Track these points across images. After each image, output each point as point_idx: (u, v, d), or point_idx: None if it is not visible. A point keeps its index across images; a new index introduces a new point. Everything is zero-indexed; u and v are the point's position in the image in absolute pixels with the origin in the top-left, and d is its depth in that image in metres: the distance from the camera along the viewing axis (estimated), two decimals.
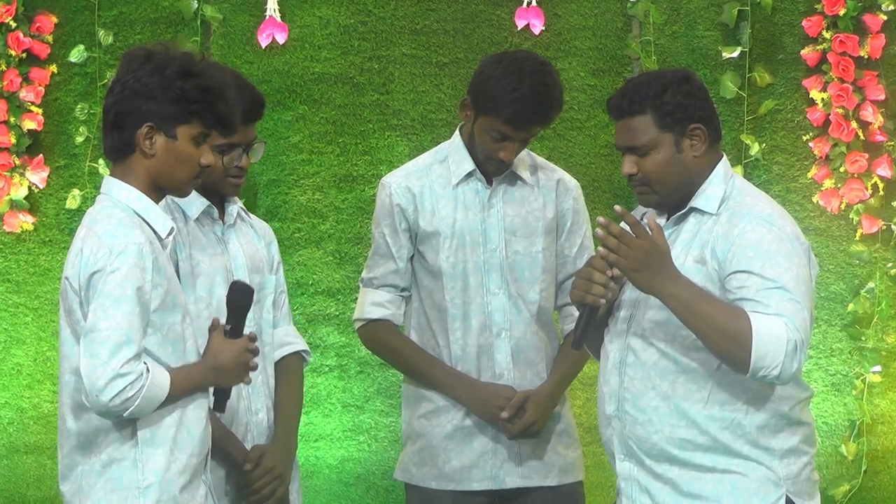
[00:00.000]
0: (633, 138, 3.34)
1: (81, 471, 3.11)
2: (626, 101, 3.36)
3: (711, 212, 3.34)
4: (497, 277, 3.85)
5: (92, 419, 3.07)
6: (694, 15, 5.74)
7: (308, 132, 5.87)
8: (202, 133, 3.14)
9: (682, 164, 3.33)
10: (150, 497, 3.08)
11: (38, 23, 5.81)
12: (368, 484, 5.86)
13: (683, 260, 3.31)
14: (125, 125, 3.10)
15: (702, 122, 3.34)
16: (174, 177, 3.15)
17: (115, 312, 3.00)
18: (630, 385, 3.35)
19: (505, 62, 3.84)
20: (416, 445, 3.93)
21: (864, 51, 5.53)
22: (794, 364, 3.17)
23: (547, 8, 5.70)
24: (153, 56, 3.12)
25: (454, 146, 3.92)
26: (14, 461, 5.95)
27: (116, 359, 3.00)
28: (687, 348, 3.30)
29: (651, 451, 3.33)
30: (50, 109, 5.89)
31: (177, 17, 5.82)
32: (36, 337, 5.96)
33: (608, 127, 5.80)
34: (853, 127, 5.51)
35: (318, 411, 5.88)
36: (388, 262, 3.91)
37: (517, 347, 3.86)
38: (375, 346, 4.01)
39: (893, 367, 5.67)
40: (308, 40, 5.85)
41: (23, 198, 5.81)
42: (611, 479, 5.73)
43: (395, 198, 3.89)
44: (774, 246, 3.25)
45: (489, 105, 3.75)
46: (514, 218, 3.88)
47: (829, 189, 5.54)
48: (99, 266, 3.01)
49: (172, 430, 3.12)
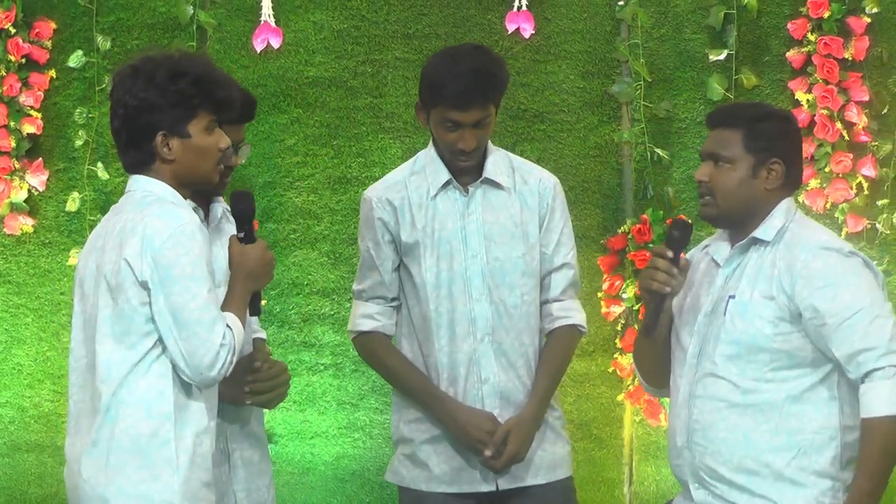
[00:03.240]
0: (719, 147, 3.39)
1: (108, 447, 3.13)
2: (726, 114, 3.45)
3: (768, 239, 3.37)
4: (479, 284, 3.83)
5: (121, 396, 3.10)
6: (681, 18, 5.73)
7: (303, 135, 5.85)
8: (211, 120, 3.19)
9: (752, 189, 3.38)
10: (182, 475, 3.12)
11: (37, 28, 5.80)
12: (363, 480, 5.84)
13: (750, 295, 3.34)
14: (140, 141, 3.16)
15: (784, 162, 3.39)
16: (200, 170, 3.21)
17: (200, 291, 3.08)
18: (700, 417, 3.38)
19: (441, 53, 3.86)
20: (406, 449, 3.91)
21: (849, 53, 5.52)
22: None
23: (537, 12, 5.69)
24: (139, 70, 3.16)
25: (429, 157, 3.89)
26: (15, 459, 5.93)
27: (214, 334, 3.09)
28: (757, 381, 3.33)
29: (722, 480, 3.35)
30: (49, 114, 5.87)
31: (173, 23, 5.81)
32: (36, 337, 5.93)
33: (597, 129, 5.81)
34: (838, 128, 5.50)
35: (313, 409, 5.84)
36: (375, 275, 3.89)
37: (500, 352, 3.83)
38: (368, 358, 4.00)
39: None
40: (302, 45, 5.83)
41: (23, 201, 5.81)
42: (601, 474, 5.82)
43: (377, 211, 3.86)
44: (839, 268, 3.30)
45: (433, 94, 3.73)
46: (493, 224, 3.86)
47: (814, 189, 5.53)
48: (166, 247, 3.07)
49: (200, 415, 3.17)
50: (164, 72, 3.15)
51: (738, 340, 3.35)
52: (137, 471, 3.10)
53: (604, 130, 5.78)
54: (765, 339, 3.32)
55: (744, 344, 3.34)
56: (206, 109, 3.18)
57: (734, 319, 3.36)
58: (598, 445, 5.79)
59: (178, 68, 3.15)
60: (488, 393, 3.82)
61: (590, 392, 5.79)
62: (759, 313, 3.33)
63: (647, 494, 5.77)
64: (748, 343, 3.34)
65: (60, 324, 5.84)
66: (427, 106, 3.77)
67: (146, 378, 3.12)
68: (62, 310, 5.77)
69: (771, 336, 3.32)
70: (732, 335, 3.35)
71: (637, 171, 5.77)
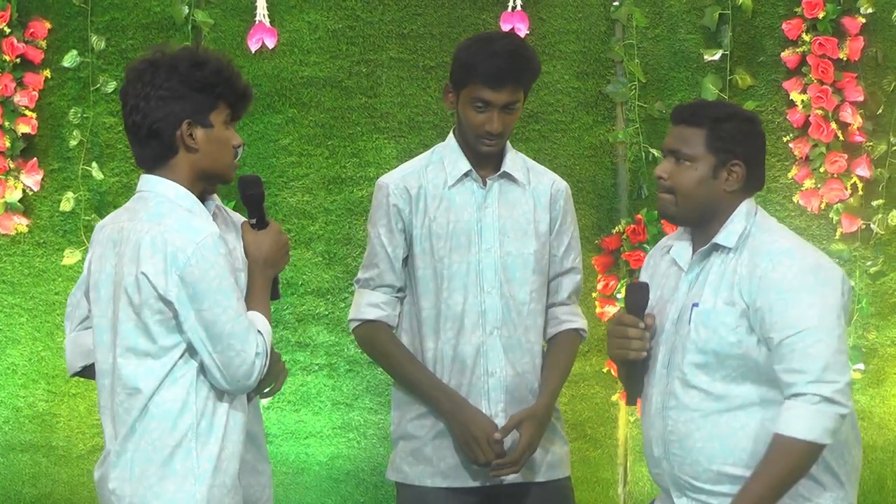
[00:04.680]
0: (681, 144, 3.36)
1: (132, 458, 3.14)
2: (690, 111, 3.40)
3: (729, 245, 3.34)
4: (491, 277, 3.84)
5: (151, 409, 3.12)
6: (676, 18, 5.75)
7: (297, 135, 5.86)
8: (228, 114, 3.20)
9: (712, 190, 3.35)
10: (205, 483, 3.13)
11: (32, 28, 5.81)
12: (358, 480, 5.84)
13: (713, 304, 3.31)
14: (163, 132, 3.15)
15: (745, 164, 3.36)
16: (220, 162, 3.21)
17: (230, 303, 3.09)
18: (675, 428, 3.35)
19: (475, 37, 3.90)
20: (409, 446, 3.89)
21: (843, 53, 5.54)
22: (843, 407, 3.19)
23: (532, 12, 5.71)
24: (158, 62, 3.17)
25: (449, 147, 3.90)
26: (10, 459, 5.94)
27: (249, 345, 3.11)
28: (728, 387, 3.30)
29: (703, 489, 3.33)
30: (44, 113, 5.88)
31: (168, 23, 5.82)
32: (31, 337, 5.93)
33: (592, 129, 5.82)
34: (832, 128, 5.51)
35: (308, 409, 5.85)
36: (384, 263, 3.88)
37: (508, 346, 3.84)
38: (370, 347, 3.96)
39: (874, 363, 5.67)
40: (297, 45, 5.85)
41: (17, 200, 5.82)
42: (595, 474, 5.84)
43: (393, 198, 3.86)
44: (796, 283, 3.24)
45: (466, 73, 3.75)
46: (508, 219, 3.87)
47: (809, 189, 5.55)
48: (192, 263, 3.07)
49: (224, 419, 3.17)
50: (187, 61, 3.15)
51: (705, 349, 3.31)
52: (161, 482, 3.12)
53: (598, 130, 5.81)
54: (730, 347, 3.29)
55: (710, 352, 3.31)
56: (226, 101, 3.19)
57: (698, 328, 3.33)
58: (592, 445, 5.80)
59: (199, 58, 3.17)
60: (494, 386, 3.83)
61: (584, 392, 5.81)
62: (722, 321, 3.29)
63: (641, 495, 5.79)
64: (714, 351, 3.30)
65: (55, 324, 5.86)
66: (458, 86, 3.78)
67: (172, 390, 3.13)
68: (56, 310, 5.78)
69: (735, 343, 3.29)
70: (698, 344, 3.32)
71: (632, 171, 5.78)
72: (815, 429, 3.17)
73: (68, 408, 5.96)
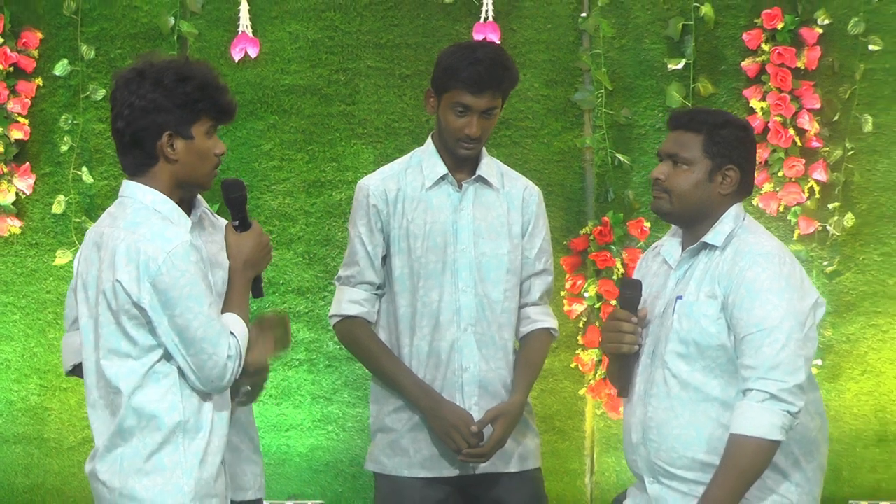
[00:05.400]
0: (679, 148, 3.40)
1: (122, 453, 3.14)
2: (689, 118, 3.43)
3: (717, 244, 3.37)
4: (466, 276, 3.84)
5: (135, 407, 3.11)
6: (641, 29, 5.72)
7: (279, 140, 5.80)
8: (211, 125, 3.18)
9: (706, 192, 3.38)
10: (192, 476, 3.13)
11: (24, 38, 5.76)
12: (337, 471, 5.79)
13: (696, 296, 3.35)
14: (144, 141, 3.14)
15: (739, 169, 3.40)
16: (199, 172, 3.19)
17: (201, 308, 3.09)
18: (654, 414, 3.38)
19: (458, 44, 3.92)
20: (387, 438, 3.92)
21: (801, 62, 5.53)
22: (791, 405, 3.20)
23: (503, 23, 5.68)
24: (145, 73, 3.15)
25: (427, 152, 3.90)
26: (3, 451, 5.87)
27: (220, 347, 3.11)
28: (706, 377, 3.33)
29: (676, 475, 3.35)
30: (36, 120, 5.82)
31: (155, 33, 5.77)
32: (23, 334, 5.85)
33: (561, 135, 5.76)
34: (791, 134, 5.50)
35: (288, 402, 5.80)
36: (364, 261, 3.88)
37: (481, 342, 3.85)
38: (349, 342, 3.96)
39: (829, 359, 5.66)
40: (279, 54, 5.78)
41: (10, 203, 5.78)
42: (564, 465, 5.77)
43: (372, 199, 3.87)
44: (767, 284, 3.27)
45: (448, 78, 3.76)
46: (482, 221, 3.87)
47: (768, 192, 5.55)
48: (162, 272, 3.06)
49: (210, 414, 3.18)
50: (172, 75, 3.14)
51: (686, 339, 3.35)
52: (150, 475, 3.13)
53: (567, 136, 5.78)
54: (710, 338, 3.32)
55: (691, 342, 3.34)
56: (208, 114, 3.17)
57: (681, 319, 3.36)
58: (560, 437, 5.77)
59: (184, 72, 3.15)
60: (468, 381, 3.85)
61: (553, 387, 5.77)
62: (703, 312, 3.33)
63: (607, 484, 5.75)
64: (695, 341, 3.33)
65: (46, 321, 5.80)
66: (440, 91, 3.79)
67: (156, 388, 3.13)
68: (48, 308, 5.76)
69: (714, 334, 3.32)
70: (680, 334, 3.35)
71: (599, 176, 5.74)
72: (762, 425, 3.20)
73: (59, 402, 5.89)
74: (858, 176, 5.67)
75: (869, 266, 5.73)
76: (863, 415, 5.73)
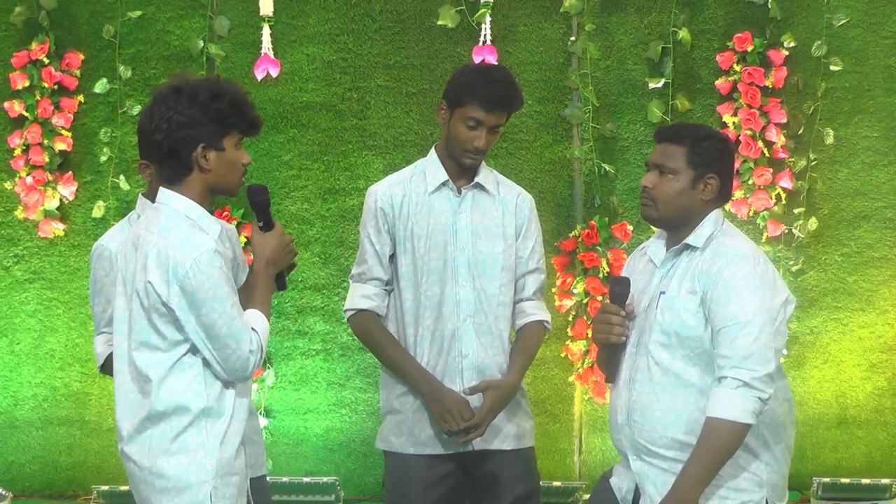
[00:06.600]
0: (665, 159, 3.45)
1: (151, 435, 3.20)
2: (674, 131, 3.49)
3: (698, 245, 3.42)
4: (465, 272, 3.88)
5: (164, 395, 3.17)
6: (624, 51, 5.90)
7: (297, 152, 5.98)
8: (239, 138, 3.24)
9: (689, 199, 3.44)
10: (214, 456, 3.19)
11: (67, 59, 5.98)
12: (350, 450, 5.99)
13: (678, 291, 3.40)
14: (180, 152, 3.19)
15: (719, 177, 3.45)
16: (228, 180, 3.25)
17: (224, 308, 3.14)
18: (638, 398, 3.42)
19: (474, 66, 4.00)
20: (395, 419, 3.96)
21: (770, 81, 5.74)
22: (761, 392, 3.26)
23: (500, 46, 5.87)
24: (181, 90, 3.20)
25: (430, 161, 3.94)
26: (48, 432, 6.08)
27: (243, 343, 3.16)
28: (686, 365, 3.38)
29: (657, 454, 3.41)
30: (78, 133, 6.02)
31: (186, 55, 5.95)
32: (67, 327, 6.04)
33: (551, 147, 5.91)
34: (759, 146, 5.71)
35: (306, 388, 5.96)
36: (373, 259, 3.92)
37: (479, 332, 3.89)
38: (362, 334, 3.98)
39: (795, 349, 5.83)
40: (297, 74, 5.97)
41: (55, 208, 5.98)
42: (554, 444, 5.91)
43: (380, 202, 3.91)
44: (742, 282, 3.31)
45: (464, 94, 3.80)
46: (479, 223, 3.92)
47: (739, 199, 5.75)
48: (189, 276, 3.12)
49: (231, 401, 3.24)
50: (206, 92, 3.19)
51: (668, 330, 3.39)
52: (176, 455, 3.19)
53: (557, 148, 5.94)
54: (689, 329, 3.37)
55: (672, 333, 3.39)
56: (238, 128, 3.23)
57: (664, 312, 3.41)
58: (551, 420, 5.93)
59: (217, 90, 3.21)
60: (467, 366, 3.89)
61: (545, 374, 5.93)
62: (684, 306, 3.38)
63: (594, 463, 5.94)
64: (676, 332, 3.38)
65: (87, 315, 5.91)
66: (453, 105, 3.85)
67: (182, 377, 3.19)
68: (88, 303, 5.08)
69: (693, 326, 3.37)
70: (662, 325, 3.40)
71: (586, 184, 5.88)
72: (736, 410, 3.26)
73: (99, 388, 6.06)
74: (821, 184, 5.85)
75: (830, 265, 5.92)
76: (825, 400, 5.89)
